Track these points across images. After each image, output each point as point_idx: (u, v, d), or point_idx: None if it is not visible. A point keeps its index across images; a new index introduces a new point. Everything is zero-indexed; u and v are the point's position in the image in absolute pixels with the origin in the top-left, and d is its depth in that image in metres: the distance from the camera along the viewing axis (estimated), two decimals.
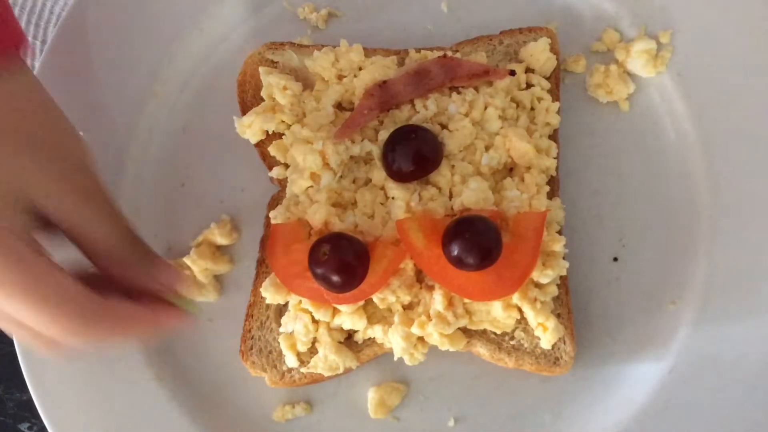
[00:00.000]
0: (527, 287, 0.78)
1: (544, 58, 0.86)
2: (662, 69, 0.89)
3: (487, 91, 0.84)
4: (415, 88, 0.83)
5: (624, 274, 0.86)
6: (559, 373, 0.81)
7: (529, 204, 0.79)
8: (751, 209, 0.85)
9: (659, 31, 0.89)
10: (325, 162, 0.81)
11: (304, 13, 0.93)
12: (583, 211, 0.87)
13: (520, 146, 0.81)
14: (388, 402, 0.84)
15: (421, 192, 0.80)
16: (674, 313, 0.84)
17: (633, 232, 0.87)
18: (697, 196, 0.86)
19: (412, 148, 0.79)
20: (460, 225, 0.75)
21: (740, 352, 0.82)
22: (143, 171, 0.89)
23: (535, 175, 0.81)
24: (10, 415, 0.91)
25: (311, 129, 0.82)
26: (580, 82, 0.91)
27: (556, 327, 0.79)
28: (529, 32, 0.89)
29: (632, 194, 0.88)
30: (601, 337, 0.84)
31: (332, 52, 0.85)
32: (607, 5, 0.91)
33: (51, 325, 0.58)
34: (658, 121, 0.89)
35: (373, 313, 0.80)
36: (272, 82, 0.84)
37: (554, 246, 0.78)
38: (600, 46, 0.91)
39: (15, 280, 0.56)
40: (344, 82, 0.84)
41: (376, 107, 0.82)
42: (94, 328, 0.60)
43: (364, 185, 0.82)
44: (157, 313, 0.65)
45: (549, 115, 0.85)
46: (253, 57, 0.88)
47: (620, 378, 0.84)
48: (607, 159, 0.89)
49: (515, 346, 0.81)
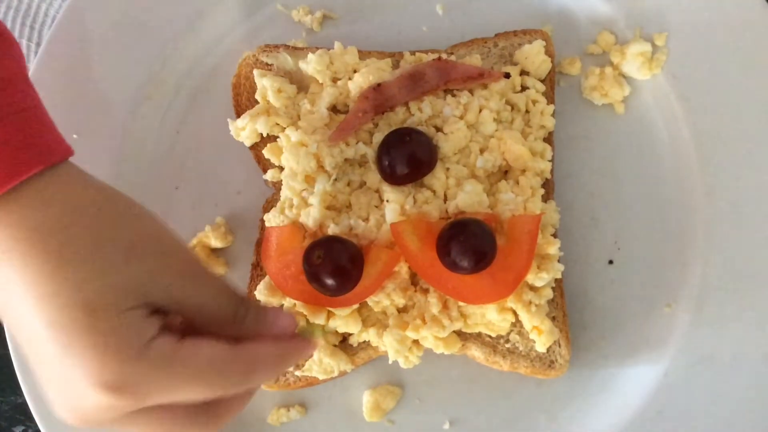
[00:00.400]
0: (522, 290, 0.78)
1: (539, 60, 0.86)
2: (657, 71, 0.89)
3: (482, 94, 0.83)
4: (410, 90, 0.83)
5: (619, 276, 0.86)
6: (554, 376, 0.81)
7: (524, 207, 0.79)
8: (746, 212, 0.85)
9: (654, 33, 0.89)
10: (320, 165, 0.81)
11: (299, 16, 0.92)
12: (578, 214, 0.87)
13: (515, 149, 0.80)
14: (383, 405, 0.84)
15: (415, 195, 0.80)
16: (669, 315, 0.84)
17: (628, 235, 0.87)
18: (692, 198, 0.86)
19: (407, 151, 0.79)
20: (454, 228, 0.75)
21: (735, 355, 0.82)
22: (137, 173, 0.89)
23: (530, 177, 0.81)
24: (4, 417, 0.91)
25: (306, 132, 0.82)
26: (575, 84, 0.91)
27: (551, 330, 0.79)
28: (524, 35, 0.88)
29: (627, 197, 0.88)
30: (597, 340, 0.84)
31: (327, 54, 0.85)
32: (602, 8, 0.91)
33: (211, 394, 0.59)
34: (654, 124, 0.89)
35: (368, 316, 0.80)
36: (267, 84, 0.84)
37: (549, 249, 0.78)
38: (595, 49, 0.91)
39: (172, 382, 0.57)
40: (339, 85, 0.84)
41: (370, 110, 0.82)
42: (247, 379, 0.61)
43: (359, 188, 0.82)
44: (292, 347, 0.65)
45: (544, 117, 0.85)
46: (247, 59, 0.88)
47: (616, 381, 0.84)
48: (603, 161, 0.89)
49: (510, 349, 0.81)
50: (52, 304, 0.54)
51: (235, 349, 0.60)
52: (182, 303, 0.60)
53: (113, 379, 0.54)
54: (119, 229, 0.59)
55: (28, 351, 0.57)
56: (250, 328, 0.63)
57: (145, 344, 0.56)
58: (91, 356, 0.54)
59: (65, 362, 0.54)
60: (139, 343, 0.56)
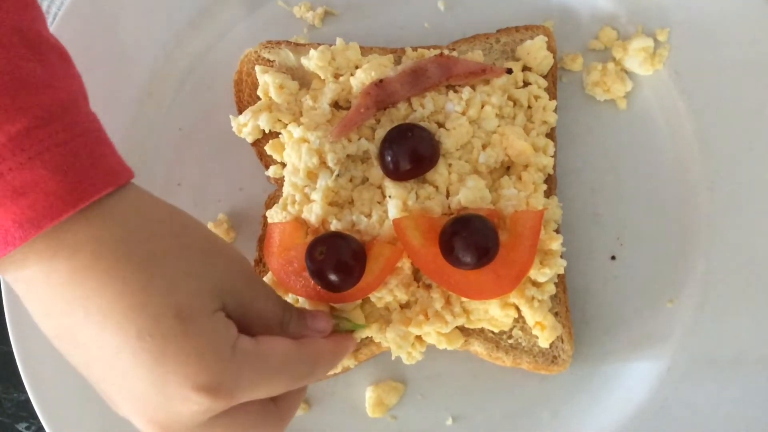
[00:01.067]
0: (525, 286, 0.78)
1: (541, 56, 0.86)
2: (659, 67, 0.89)
3: (484, 90, 0.83)
4: (412, 86, 0.83)
5: (622, 272, 0.86)
6: (557, 371, 0.81)
7: (526, 202, 0.79)
8: (749, 207, 0.86)
9: (656, 29, 0.89)
10: (322, 161, 0.81)
11: (301, 12, 0.92)
12: (580, 210, 0.87)
13: (518, 144, 0.80)
14: (386, 401, 0.84)
15: (418, 191, 0.80)
16: (672, 311, 0.85)
17: (631, 231, 0.87)
18: (695, 193, 0.87)
19: (409, 147, 0.79)
20: (457, 224, 0.75)
21: (738, 350, 0.83)
22: (139, 170, 0.88)
23: (533, 173, 0.81)
24: (8, 415, 0.91)
25: (308, 128, 0.82)
26: (577, 80, 0.91)
27: (553, 325, 0.79)
28: (526, 30, 0.88)
29: (630, 192, 0.88)
30: (599, 335, 0.85)
31: (329, 50, 0.85)
32: (604, 3, 0.91)
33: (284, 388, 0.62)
34: (656, 119, 0.89)
35: (371, 312, 0.80)
36: (269, 80, 0.84)
37: (552, 244, 0.78)
38: (597, 44, 0.91)
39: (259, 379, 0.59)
40: (341, 81, 0.84)
41: (372, 106, 0.82)
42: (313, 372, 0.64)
43: (361, 184, 0.82)
44: (341, 343, 0.71)
45: (546, 113, 0.85)
46: (249, 56, 0.88)
47: (618, 376, 0.84)
48: (605, 157, 0.89)
49: (513, 344, 0.81)
50: (143, 314, 0.55)
51: (301, 345, 0.63)
52: (246, 307, 0.62)
53: (210, 380, 0.55)
54: (191, 237, 0.61)
55: (102, 368, 0.57)
56: (294, 332, 0.66)
57: (233, 344, 0.58)
58: (187, 361, 0.55)
59: (158, 371, 0.55)
60: (228, 344, 0.57)
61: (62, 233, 0.56)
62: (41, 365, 0.82)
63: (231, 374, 0.57)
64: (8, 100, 0.55)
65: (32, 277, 0.57)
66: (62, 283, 0.56)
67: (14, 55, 0.57)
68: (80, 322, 0.56)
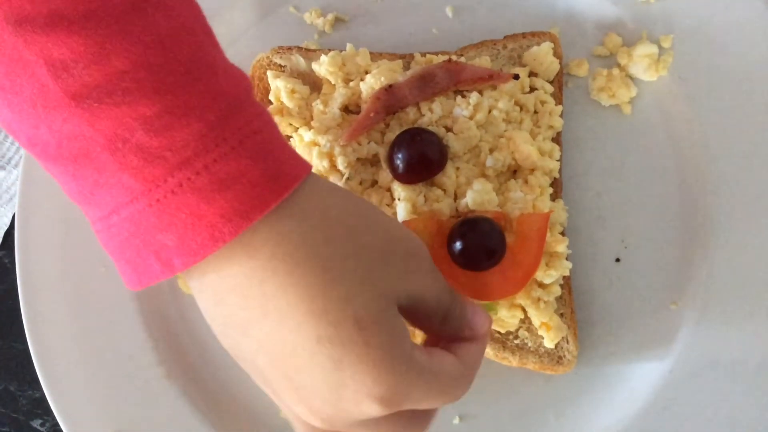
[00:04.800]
0: (531, 287, 0.79)
1: (547, 62, 0.87)
2: (664, 73, 0.90)
3: (492, 95, 0.85)
4: (421, 91, 0.84)
5: (626, 274, 0.87)
6: (562, 371, 0.82)
7: (532, 205, 0.80)
8: (753, 211, 0.87)
9: (661, 35, 0.90)
10: (333, 164, 0.82)
11: (311, 18, 0.94)
12: (585, 213, 0.88)
13: (524, 148, 0.82)
14: None
15: (426, 193, 0.81)
16: (676, 313, 0.86)
17: (635, 234, 0.88)
18: (699, 197, 0.88)
19: (418, 151, 0.80)
20: (464, 226, 0.76)
21: (742, 352, 0.83)
22: None
23: (539, 176, 0.82)
24: (23, 412, 0.93)
25: (318, 131, 0.83)
26: (582, 85, 0.92)
27: (559, 326, 0.80)
28: (532, 37, 0.90)
29: (634, 196, 0.89)
30: (604, 336, 0.86)
31: (339, 56, 0.86)
32: (609, 10, 0.92)
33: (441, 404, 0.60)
34: (660, 124, 0.90)
35: None
36: (280, 85, 0.86)
37: (557, 247, 0.79)
38: (602, 51, 0.92)
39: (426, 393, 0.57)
40: (351, 86, 0.86)
41: (382, 110, 0.83)
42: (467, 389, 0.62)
43: (371, 186, 0.84)
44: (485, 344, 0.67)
45: (552, 118, 0.86)
46: (261, 61, 0.90)
47: (622, 376, 0.85)
48: (610, 161, 0.90)
49: (519, 345, 0.83)
50: (322, 321, 0.53)
51: (464, 363, 0.61)
52: (419, 300, 0.59)
53: (386, 392, 0.54)
54: (372, 234, 0.58)
55: (272, 360, 0.55)
56: (452, 328, 0.63)
57: (408, 356, 0.56)
58: (365, 371, 0.54)
59: (335, 375, 0.54)
60: (404, 356, 0.55)
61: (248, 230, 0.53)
62: (57, 363, 0.84)
63: (404, 388, 0.55)
64: (202, 87, 0.53)
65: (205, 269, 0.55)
66: (239, 280, 0.54)
67: (200, 41, 0.55)
68: (256, 317, 0.54)
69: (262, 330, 0.54)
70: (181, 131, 0.52)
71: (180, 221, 0.52)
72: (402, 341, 0.56)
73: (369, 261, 0.56)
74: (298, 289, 0.53)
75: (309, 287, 0.53)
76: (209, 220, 0.52)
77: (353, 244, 0.56)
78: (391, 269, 0.57)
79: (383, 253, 0.57)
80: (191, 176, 0.51)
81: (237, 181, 0.52)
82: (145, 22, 0.54)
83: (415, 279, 0.59)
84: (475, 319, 0.64)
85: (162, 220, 0.52)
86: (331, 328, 0.53)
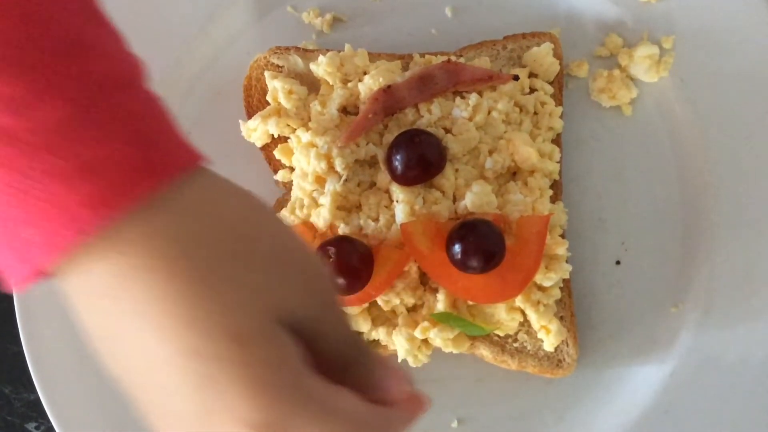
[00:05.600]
0: (530, 290, 0.79)
1: (547, 62, 0.87)
2: (665, 74, 0.89)
3: (491, 96, 0.84)
4: (420, 92, 0.84)
5: (626, 277, 0.87)
6: (561, 375, 0.82)
7: (532, 208, 0.80)
8: (754, 213, 0.86)
9: (662, 36, 0.90)
10: (330, 165, 0.82)
11: (309, 18, 0.93)
12: (585, 215, 0.88)
13: (524, 150, 0.81)
14: None
15: (425, 195, 0.81)
16: (676, 316, 0.85)
17: (635, 236, 0.87)
18: (699, 199, 0.87)
19: (416, 152, 0.80)
20: (464, 228, 0.76)
21: (743, 355, 0.83)
22: None
23: (539, 178, 0.82)
24: (17, 414, 0.92)
25: (316, 132, 0.83)
26: (583, 86, 0.91)
27: (558, 329, 0.79)
28: (532, 37, 0.89)
29: (634, 198, 0.88)
30: (604, 339, 0.85)
31: (337, 56, 0.86)
32: (609, 11, 0.91)
33: None
34: (661, 125, 0.90)
35: (378, 315, 0.81)
36: (278, 86, 0.85)
37: (557, 249, 0.79)
38: (603, 51, 0.91)
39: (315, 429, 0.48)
40: (349, 87, 0.85)
41: (380, 111, 0.83)
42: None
43: (369, 188, 0.83)
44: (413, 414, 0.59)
45: (552, 119, 0.85)
46: (258, 61, 0.89)
47: (622, 380, 0.84)
48: (610, 163, 0.89)
49: (518, 348, 0.82)
50: (194, 331, 0.46)
51: (373, 410, 0.53)
52: (313, 332, 0.51)
53: (261, 418, 0.47)
54: (266, 242, 0.51)
55: (142, 376, 0.49)
56: (358, 383, 0.54)
57: (295, 381, 0.48)
58: (239, 392, 0.46)
59: (205, 396, 0.47)
60: (290, 380, 0.48)
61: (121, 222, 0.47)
62: (52, 365, 0.83)
63: (283, 417, 0.47)
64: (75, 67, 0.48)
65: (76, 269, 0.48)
66: (106, 279, 0.47)
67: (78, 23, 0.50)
68: (126, 326, 0.48)
69: (132, 340, 0.48)
70: (44, 112, 0.46)
71: (44, 213, 0.45)
72: (289, 363, 0.48)
73: (258, 269, 0.49)
74: (168, 293, 0.46)
75: (184, 294, 0.46)
76: (74, 210, 0.45)
77: (242, 247, 0.50)
78: (287, 282, 0.50)
79: (278, 262, 0.51)
80: (56, 161, 0.45)
81: (105, 167, 0.46)
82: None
83: (312, 305, 0.51)
84: (384, 383, 0.56)
85: (25, 211, 0.46)
86: (204, 340, 0.46)
